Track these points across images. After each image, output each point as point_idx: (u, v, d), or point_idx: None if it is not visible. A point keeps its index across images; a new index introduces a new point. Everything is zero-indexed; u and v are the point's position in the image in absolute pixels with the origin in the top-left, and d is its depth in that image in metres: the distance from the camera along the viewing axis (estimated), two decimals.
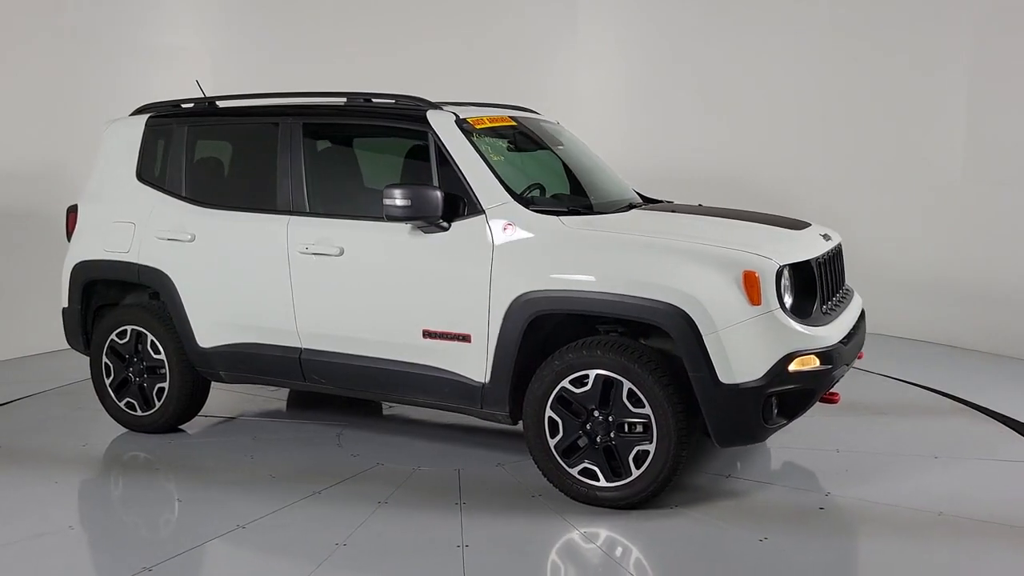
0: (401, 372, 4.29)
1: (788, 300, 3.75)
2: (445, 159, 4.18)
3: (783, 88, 8.00)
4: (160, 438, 4.95)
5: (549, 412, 3.93)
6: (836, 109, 7.80)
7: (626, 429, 3.81)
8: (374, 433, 5.04)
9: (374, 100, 4.50)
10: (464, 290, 4.05)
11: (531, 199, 4.18)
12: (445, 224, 4.08)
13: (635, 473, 3.81)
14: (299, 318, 4.47)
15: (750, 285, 3.62)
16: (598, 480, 3.88)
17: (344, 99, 4.55)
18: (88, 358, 5.12)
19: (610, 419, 3.83)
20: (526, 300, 3.89)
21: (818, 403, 3.98)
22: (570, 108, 8.40)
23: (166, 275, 4.73)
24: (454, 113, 4.32)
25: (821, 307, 3.96)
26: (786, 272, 3.76)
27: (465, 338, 4.07)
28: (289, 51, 8.25)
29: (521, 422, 4.09)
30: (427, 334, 4.17)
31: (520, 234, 3.98)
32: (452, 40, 8.43)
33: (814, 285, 3.93)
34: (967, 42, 7.07)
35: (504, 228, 4.01)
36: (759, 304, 3.61)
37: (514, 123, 4.74)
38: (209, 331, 4.70)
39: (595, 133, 8.07)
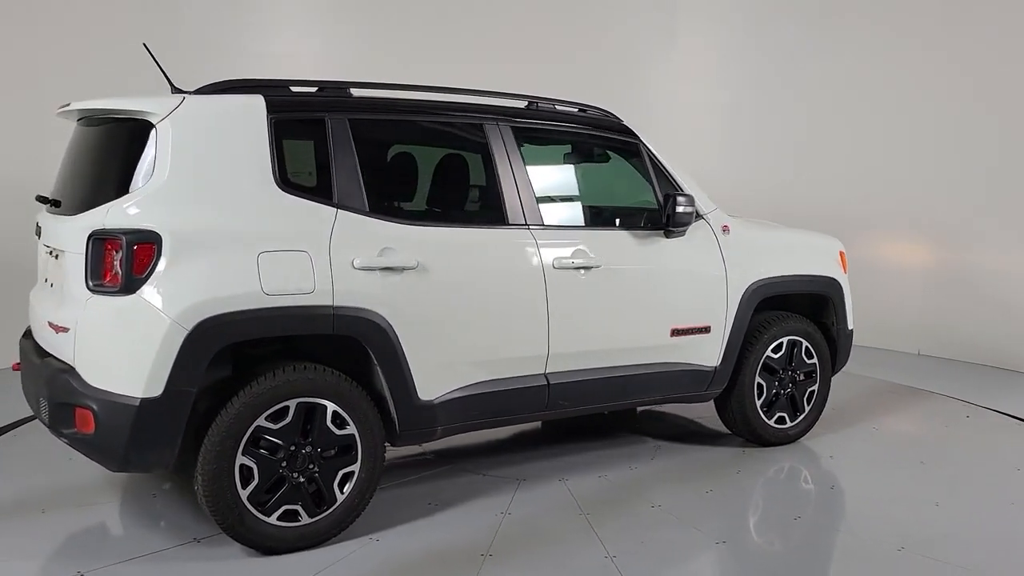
0: (647, 375, 4.51)
1: None
2: (658, 169, 4.62)
3: (888, 111, 8.07)
4: None
5: (757, 379, 4.88)
6: (943, 130, 7.78)
7: (799, 378, 5.02)
8: (462, 445, 4.99)
9: (557, 107, 4.46)
10: (707, 287, 4.64)
11: None
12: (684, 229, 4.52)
13: (806, 409, 5.09)
14: (553, 340, 4.10)
15: (843, 260, 5.23)
16: (786, 423, 5.03)
17: (525, 103, 4.32)
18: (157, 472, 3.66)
19: (791, 372, 4.99)
20: (756, 288, 4.77)
21: None
22: (668, 119, 8.52)
23: (379, 316, 3.63)
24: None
25: None
26: None
27: (706, 330, 4.63)
28: (385, 56, 8.02)
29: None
30: (675, 332, 4.54)
31: (732, 234, 4.75)
32: (552, 48, 8.45)
33: None
34: None
35: (723, 229, 4.74)
36: (846, 273, 5.23)
37: None
38: (435, 379, 3.84)
39: (687, 145, 8.13)
